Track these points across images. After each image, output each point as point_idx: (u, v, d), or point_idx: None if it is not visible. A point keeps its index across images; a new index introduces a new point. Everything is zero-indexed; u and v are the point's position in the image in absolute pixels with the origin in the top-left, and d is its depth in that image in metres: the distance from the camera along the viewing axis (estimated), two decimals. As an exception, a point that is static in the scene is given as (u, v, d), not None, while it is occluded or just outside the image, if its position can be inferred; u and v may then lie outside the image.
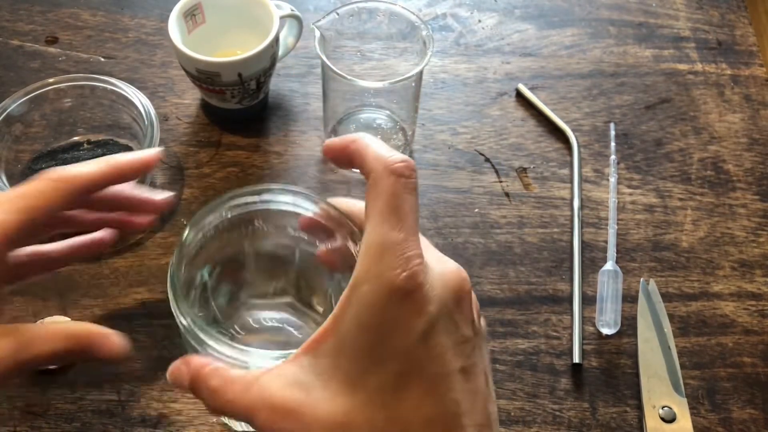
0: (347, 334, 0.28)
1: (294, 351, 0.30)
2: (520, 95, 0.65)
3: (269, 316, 0.45)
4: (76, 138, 0.58)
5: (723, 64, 0.68)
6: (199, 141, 0.61)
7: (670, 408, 0.48)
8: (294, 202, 0.38)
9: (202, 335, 0.34)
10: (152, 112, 0.54)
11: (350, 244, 0.36)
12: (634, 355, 0.51)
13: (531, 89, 0.65)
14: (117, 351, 0.37)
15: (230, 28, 0.59)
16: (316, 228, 0.38)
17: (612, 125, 0.63)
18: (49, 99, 0.55)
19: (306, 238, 0.40)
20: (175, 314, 0.35)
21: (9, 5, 0.69)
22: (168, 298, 0.36)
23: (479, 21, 0.71)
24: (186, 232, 0.37)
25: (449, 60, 0.67)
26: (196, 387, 0.30)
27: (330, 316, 0.28)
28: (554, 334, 0.52)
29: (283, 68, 0.65)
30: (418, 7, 0.71)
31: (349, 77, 0.50)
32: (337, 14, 0.53)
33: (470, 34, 0.70)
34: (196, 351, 0.35)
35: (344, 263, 0.36)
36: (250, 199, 0.38)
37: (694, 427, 0.48)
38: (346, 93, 0.58)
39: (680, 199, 0.60)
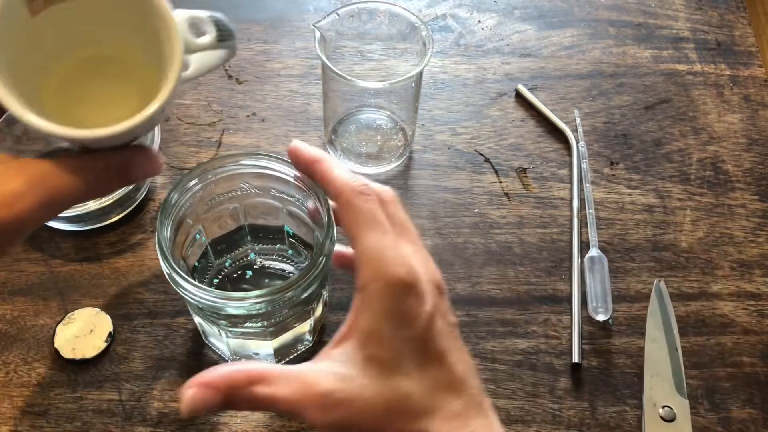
0: (368, 326, 0.33)
1: (259, 292, 0.37)
2: (519, 96, 0.65)
3: (263, 264, 0.51)
4: (76, 138, 0.58)
5: (722, 64, 0.69)
6: (199, 141, 0.61)
7: (671, 408, 0.48)
8: (270, 166, 0.43)
9: (180, 281, 0.38)
10: (152, 112, 0.53)
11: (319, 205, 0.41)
12: (633, 355, 0.51)
13: (530, 90, 0.65)
14: (153, 169, 0.35)
15: (103, 13, 0.34)
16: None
17: (576, 111, 0.64)
18: (50, 99, 0.55)
19: (288, 197, 0.45)
20: (161, 265, 0.39)
21: (10, 6, 0.69)
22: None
23: (479, 22, 0.71)
24: (170, 193, 0.41)
25: (449, 60, 0.67)
26: (233, 399, 0.31)
27: (349, 314, 0.34)
28: (554, 333, 0.52)
29: (284, 69, 0.65)
30: (418, 8, 0.71)
31: (349, 78, 0.51)
32: (338, 15, 0.53)
33: (470, 34, 0.70)
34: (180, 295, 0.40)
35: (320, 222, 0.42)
36: (232, 164, 0.43)
37: (694, 426, 0.48)
38: (346, 93, 0.58)
39: (679, 200, 0.60)
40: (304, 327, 0.48)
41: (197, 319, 0.47)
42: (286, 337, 0.47)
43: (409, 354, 0.33)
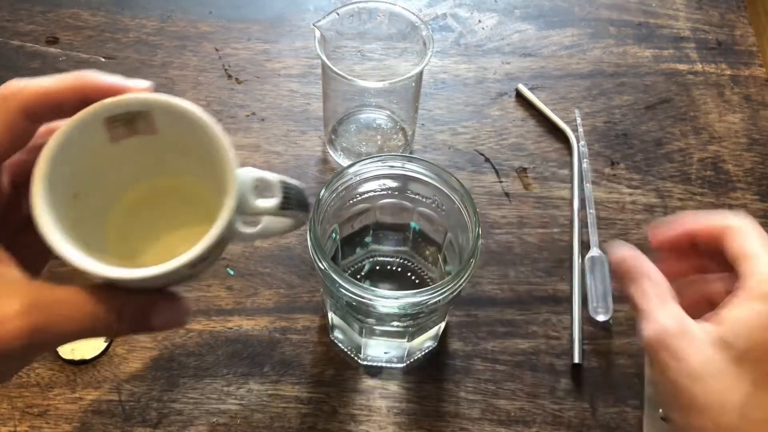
0: (739, 317, 0.32)
1: (411, 292, 0.38)
2: (520, 95, 0.65)
3: (389, 263, 0.52)
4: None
5: (723, 64, 0.68)
6: (199, 141, 0.61)
7: (671, 408, 0.48)
8: (414, 169, 0.44)
9: (335, 276, 0.39)
10: (152, 112, 0.54)
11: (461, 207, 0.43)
12: (634, 355, 0.51)
13: (531, 89, 0.65)
14: (176, 321, 0.31)
15: (180, 150, 0.33)
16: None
17: (576, 111, 0.64)
18: (50, 99, 0.55)
19: (421, 199, 0.47)
20: (314, 260, 0.40)
21: (9, 5, 0.69)
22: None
23: (479, 21, 0.71)
24: (322, 192, 0.42)
25: (449, 60, 0.67)
26: (633, 277, 0.36)
27: (722, 303, 0.34)
28: (554, 334, 0.52)
29: (283, 68, 0.65)
30: (418, 8, 0.71)
31: (349, 77, 0.50)
32: (338, 14, 0.53)
33: (470, 34, 0.70)
34: (330, 292, 0.41)
35: (456, 222, 0.44)
36: (375, 164, 0.44)
37: (694, 427, 0.48)
38: (346, 93, 0.58)
39: (680, 200, 0.60)
40: (437, 329, 0.49)
41: (330, 315, 0.48)
42: (421, 338, 0.48)
43: (763, 360, 0.32)
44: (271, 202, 0.32)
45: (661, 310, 0.34)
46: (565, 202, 0.59)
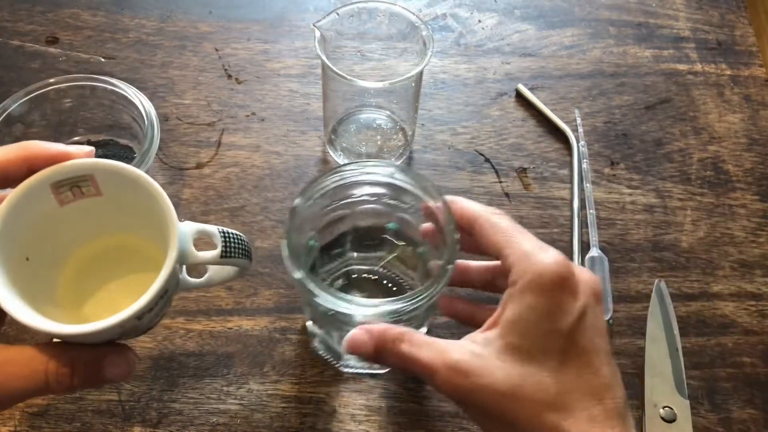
0: (513, 316, 0.34)
1: (389, 300, 0.37)
2: (519, 95, 0.65)
3: (367, 271, 0.50)
4: (76, 138, 0.58)
5: (723, 64, 0.68)
6: (199, 141, 0.61)
7: (671, 408, 0.48)
8: (392, 174, 0.43)
9: (311, 287, 0.38)
10: (152, 112, 0.54)
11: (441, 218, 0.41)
12: (633, 355, 0.51)
13: (531, 89, 0.65)
14: (124, 372, 0.33)
15: (126, 210, 0.36)
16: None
17: (576, 111, 0.64)
18: (50, 99, 0.55)
19: (400, 205, 0.45)
20: (288, 270, 0.39)
21: (9, 5, 0.69)
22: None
23: (479, 21, 0.71)
24: (297, 200, 0.41)
25: (449, 60, 0.67)
26: (382, 350, 0.35)
27: (499, 305, 0.35)
28: (554, 334, 0.52)
29: (283, 68, 0.65)
30: (418, 8, 0.71)
31: (349, 77, 0.50)
32: (337, 14, 0.53)
33: (470, 34, 0.70)
34: (308, 301, 0.40)
35: (439, 237, 0.43)
36: (352, 171, 0.43)
37: (694, 427, 0.48)
38: (346, 93, 0.58)
39: (680, 200, 0.60)
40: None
41: (309, 324, 0.48)
42: None
43: (552, 347, 0.33)
44: (212, 252, 0.34)
45: (437, 359, 0.33)
46: (565, 203, 0.59)
